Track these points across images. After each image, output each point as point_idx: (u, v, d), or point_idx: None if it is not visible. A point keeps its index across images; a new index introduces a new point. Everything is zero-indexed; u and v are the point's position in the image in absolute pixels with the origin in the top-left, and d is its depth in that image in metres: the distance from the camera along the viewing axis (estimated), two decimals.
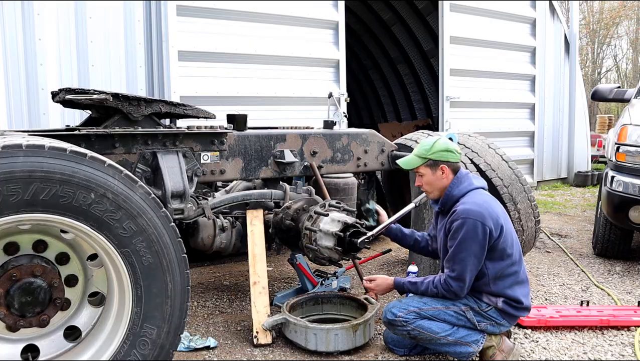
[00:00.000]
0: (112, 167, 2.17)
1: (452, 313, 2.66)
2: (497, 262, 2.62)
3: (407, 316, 2.67)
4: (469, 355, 2.67)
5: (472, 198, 2.66)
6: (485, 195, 2.74)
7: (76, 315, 2.38)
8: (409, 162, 2.86)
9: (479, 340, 2.66)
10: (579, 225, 6.43)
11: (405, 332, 2.69)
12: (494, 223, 2.57)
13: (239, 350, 3.00)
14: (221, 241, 3.45)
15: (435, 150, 2.75)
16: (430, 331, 2.64)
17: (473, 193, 2.70)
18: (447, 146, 2.77)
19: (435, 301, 2.68)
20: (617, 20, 24.31)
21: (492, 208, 2.64)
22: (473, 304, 2.66)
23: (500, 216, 2.63)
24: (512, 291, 2.64)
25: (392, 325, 2.74)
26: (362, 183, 4.25)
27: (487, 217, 2.56)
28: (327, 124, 3.84)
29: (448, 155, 2.75)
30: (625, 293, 3.97)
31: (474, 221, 2.54)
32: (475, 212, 2.57)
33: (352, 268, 3.93)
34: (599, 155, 11.74)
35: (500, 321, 2.68)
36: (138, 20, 5.23)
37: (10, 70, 4.65)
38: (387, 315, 2.75)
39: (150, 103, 3.03)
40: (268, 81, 6.02)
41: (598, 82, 24.43)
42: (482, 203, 2.62)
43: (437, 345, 2.69)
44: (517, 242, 2.73)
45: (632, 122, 4.51)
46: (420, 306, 2.67)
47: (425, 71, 10.87)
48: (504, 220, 2.66)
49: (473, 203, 2.62)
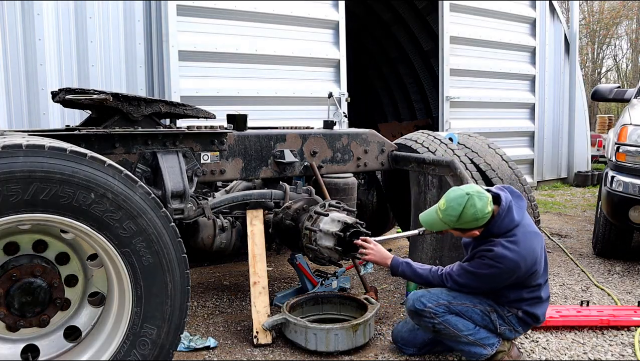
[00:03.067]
0: (112, 167, 2.17)
1: (478, 312, 2.63)
2: (519, 290, 2.61)
3: (436, 309, 2.62)
4: (481, 357, 2.66)
5: (515, 243, 2.48)
6: (528, 235, 2.53)
7: (76, 315, 2.38)
8: (433, 225, 2.64)
9: (495, 343, 2.65)
10: (579, 225, 6.43)
11: (431, 324, 2.64)
12: (526, 270, 2.50)
13: (239, 350, 3.00)
14: (221, 241, 3.45)
15: (463, 222, 2.51)
16: (456, 328, 2.61)
17: (518, 234, 2.51)
18: (476, 215, 2.47)
19: (465, 298, 2.63)
20: (617, 20, 24.30)
21: (532, 254, 2.50)
22: (497, 307, 2.65)
23: (537, 261, 2.54)
24: (531, 309, 2.65)
25: (418, 315, 2.66)
26: (362, 183, 4.24)
27: (521, 267, 2.47)
28: (327, 124, 3.84)
29: (478, 223, 2.51)
30: (625, 293, 3.97)
31: (505, 269, 2.47)
32: (511, 261, 2.45)
33: (352, 268, 3.93)
34: (599, 155, 11.74)
35: (517, 328, 2.68)
36: (138, 20, 5.23)
37: (10, 70, 4.65)
38: (415, 304, 2.65)
39: (150, 103, 3.03)
40: (268, 81, 6.01)
41: (598, 82, 24.43)
42: (522, 252, 2.47)
43: (455, 342, 2.66)
44: (545, 265, 2.66)
45: (632, 122, 4.51)
46: (450, 300, 2.62)
47: (425, 71, 10.87)
48: (541, 259, 2.58)
49: (514, 250, 2.46)
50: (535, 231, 2.63)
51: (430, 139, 3.94)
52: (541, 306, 2.68)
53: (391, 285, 4.13)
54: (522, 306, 2.64)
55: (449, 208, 2.52)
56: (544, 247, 2.67)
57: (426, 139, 3.94)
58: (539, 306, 2.67)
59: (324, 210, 3.21)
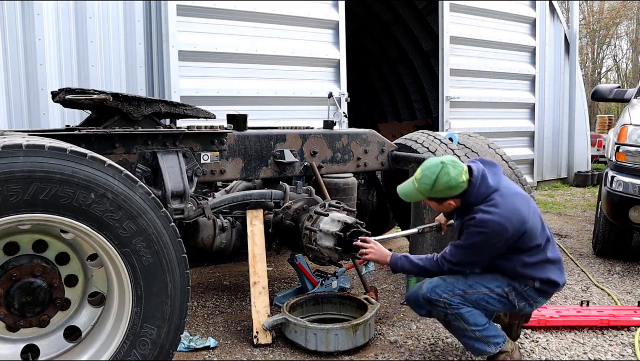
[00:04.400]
0: (112, 167, 2.17)
1: (495, 297, 2.60)
2: (521, 255, 2.54)
3: (451, 300, 2.58)
4: (484, 354, 2.65)
5: (495, 205, 2.47)
6: (508, 197, 2.51)
7: (76, 315, 2.38)
8: (410, 195, 2.66)
9: (500, 343, 2.63)
10: (579, 225, 6.44)
11: (443, 314, 2.61)
12: (514, 231, 2.45)
13: (239, 350, 3.00)
14: (221, 241, 3.45)
15: (437, 190, 2.53)
16: (466, 322, 2.59)
17: (496, 197, 2.49)
18: (450, 183, 2.49)
19: (481, 285, 2.60)
20: (617, 20, 24.30)
21: (516, 213, 2.47)
22: (516, 285, 2.60)
23: (524, 220, 2.48)
24: (543, 274, 2.57)
25: (432, 304, 2.63)
26: (362, 183, 4.24)
27: (507, 227, 2.43)
28: (327, 124, 3.84)
29: (453, 192, 2.52)
30: (625, 293, 3.97)
31: (490, 233, 2.44)
32: (494, 223, 2.43)
33: (352, 268, 3.93)
34: (599, 155, 11.74)
35: (537, 300, 2.64)
36: (138, 20, 5.23)
37: (10, 70, 4.65)
38: (430, 294, 2.62)
39: (150, 104, 3.03)
40: (268, 81, 6.01)
41: (598, 82, 24.43)
42: (505, 212, 2.44)
43: (462, 335, 2.64)
44: (544, 227, 2.61)
45: (632, 122, 4.51)
46: (466, 290, 2.59)
47: (425, 71, 10.87)
48: (529, 218, 2.51)
49: (495, 212, 2.44)
50: (517, 192, 2.59)
51: (430, 139, 3.94)
52: (553, 269, 2.60)
53: (391, 285, 4.13)
54: (534, 275, 2.56)
55: (424, 177, 2.55)
56: (535, 207, 2.62)
57: (426, 139, 3.94)
58: (550, 270, 2.59)
59: (324, 210, 3.22)
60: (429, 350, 2.98)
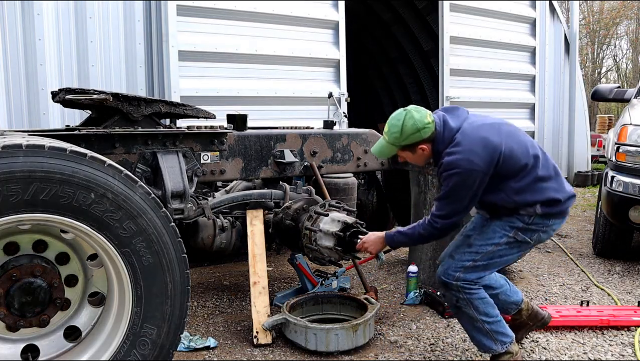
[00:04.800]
0: (112, 167, 2.17)
1: (504, 247, 2.54)
2: (509, 181, 2.48)
3: (465, 277, 2.53)
4: (489, 351, 2.62)
5: (458, 144, 2.44)
6: (471, 131, 2.47)
7: (76, 315, 2.38)
8: (383, 151, 2.66)
9: (507, 343, 2.60)
10: (579, 225, 6.44)
11: (455, 299, 2.58)
12: (485, 162, 2.38)
13: (239, 350, 3.00)
14: (221, 241, 3.45)
15: (406, 135, 2.52)
16: (477, 310, 2.55)
17: (458, 136, 2.46)
18: (416, 125, 2.49)
19: (485, 245, 2.54)
20: (617, 20, 24.30)
21: (483, 143, 2.41)
22: (517, 223, 2.53)
23: (495, 146, 2.41)
24: (541, 195, 2.49)
25: (445, 287, 2.61)
26: (362, 183, 4.25)
27: (475, 160, 2.37)
28: (327, 124, 3.84)
29: (421, 134, 2.50)
30: (625, 293, 3.96)
31: (461, 172, 2.38)
32: (460, 161, 2.38)
33: (352, 268, 3.93)
34: (599, 155, 11.74)
35: (549, 224, 2.55)
36: (138, 20, 5.22)
37: (10, 70, 4.65)
38: (443, 276, 2.60)
39: (150, 103, 3.03)
40: (268, 81, 6.01)
41: (598, 82, 24.43)
42: (467, 147, 2.40)
43: (470, 325, 2.61)
44: (531, 144, 2.54)
45: (632, 122, 4.51)
46: (474, 258, 2.55)
47: (425, 71, 10.86)
48: (501, 142, 2.43)
49: (457, 151, 2.41)
50: (484, 123, 2.54)
51: None
52: (550, 187, 2.51)
53: (391, 285, 4.13)
54: (531, 199, 2.48)
55: (391, 127, 2.57)
56: (510, 130, 2.55)
57: None
58: (547, 189, 2.50)
59: (324, 210, 3.22)
60: (429, 350, 2.98)
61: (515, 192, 2.49)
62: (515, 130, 2.60)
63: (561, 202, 2.53)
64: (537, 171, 2.50)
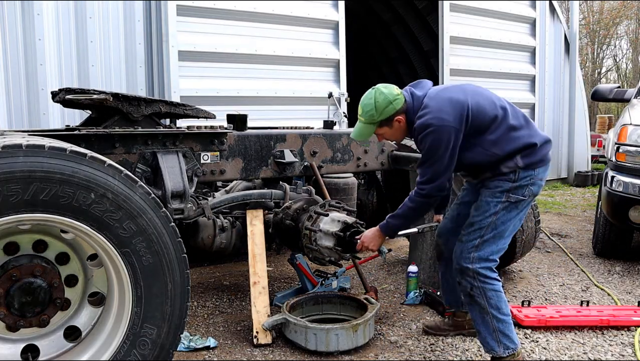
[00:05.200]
0: (112, 167, 2.17)
1: (503, 213, 2.55)
2: (484, 135, 2.53)
3: (478, 268, 2.55)
4: (490, 352, 2.61)
5: (426, 107, 2.51)
6: (436, 94, 2.55)
7: (76, 315, 2.38)
8: (362, 133, 2.70)
9: (510, 347, 2.58)
10: (579, 225, 6.43)
11: (469, 286, 2.59)
12: (455, 118, 2.45)
13: (239, 350, 3.00)
14: (221, 241, 3.45)
15: (380, 110, 2.57)
16: (489, 302, 2.56)
17: (426, 100, 2.54)
18: (388, 98, 2.57)
19: (484, 218, 2.58)
20: (617, 20, 24.30)
21: (449, 102, 2.48)
22: (505, 185, 2.55)
23: (461, 103, 2.48)
24: (518, 142, 2.53)
25: (462, 273, 2.62)
26: (362, 183, 4.25)
27: (445, 117, 2.43)
28: (327, 124, 3.84)
29: (395, 105, 2.57)
30: (625, 293, 3.96)
31: (434, 130, 2.43)
32: (432, 120, 2.44)
33: (352, 268, 3.93)
34: (599, 155, 11.74)
35: (535, 174, 2.57)
36: (138, 20, 5.23)
37: (10, 70, 4.65)
38: (460, 261, 2.62)
39: (150, 103, 3.03)
40: (268, 81, 6.01)
41: (598, 82, 24.43)
42: (435, 107, 2.47)
43: (480, 321, 2.61)
44: (497, 98, 2.61)
45: (632, 122, 4.51)
46: (480, 234, 2.58)
47: (425, 71, 10.86)
48: (467, 99, 2.50)
49: (426, 112, 2.48)
50: (448, 87, 2.64)
51: None
52: (523, 134, 2.55)
53: (391, 285, 4.13)
54: (509, 149, 2.52)
55: (365, 106, 2.62)
56: (475, 89, 2.61)
57: None
58: (521, 137, 2.55)
59: (324, 210, 3.22)
60: (429, 350, 2.98)
61: (491, 143, 2.54)
62: (479, 88, 2.67)
63: (538, 145, 2.57)
64: (508, 121, 2.56)
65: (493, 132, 2.54)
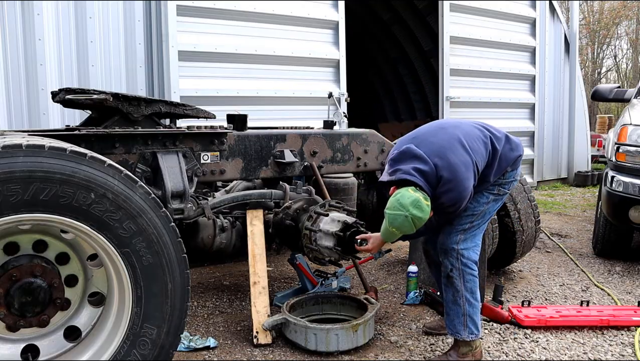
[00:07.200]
0: (112, 167, 2.17)
1: (492, 204, 2.79)
2: (487, 169, 2.70)
3: (463, 250, 2.71)
4: (455, 334, 2.74)
5: (447, 182, 2.54)
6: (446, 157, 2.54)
7: (76, 315, 2.38)
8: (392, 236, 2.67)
9: (474, 333, 2.72)
10: (579, 225, 6.43)
11: (451, 266, 2.71)
12: (472, 173, 2.58)
13: (239, 350, 3.00)
14: (221, 241, 3.45)
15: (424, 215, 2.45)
16: (465, 285, 2.69)
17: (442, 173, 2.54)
18: (424, 211, 2.44)
19: (478, 207, 2.75)
20: (617, 20, 24.30)
21: (465, 165, 2.54)
22: (497, 181, 2.78)
23: (472, 161, 2.57)
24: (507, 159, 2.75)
25: (445, 252, 2.75)
26: (362, 183, 4.25)
27: (467, 184, 2.54)
28: (327, 124, 3.84)
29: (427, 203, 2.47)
30: (625, 293, 3.97)
31: (463, 197, 2.57)
32: (461, 193, 2.55)
33: (352, 268, 3.93)
34: (599, 155, 11.75)
35: (518, 172, 2.88)
36: (138, 20, 5.23)
37: (10, 70, 4.65)
38: (446, 241, 2.75)
39: (150, 104, 3.03)
40: (268, 81, 6.01)
41: (598, 82, 24.44)
42: (458, 177, 2.53)
43: (452, 302, 2.73)
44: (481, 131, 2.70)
45: (632, 122, 4.51)
46: (470, 220, 2.74)
47: (425, 71, 10.87)
48: (473, 153, 2.58)
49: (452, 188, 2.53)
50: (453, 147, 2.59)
51: None
52: (508, 149, 2.74)
53: (391, 285, 4.13)
54: (504, 167, 2.75)
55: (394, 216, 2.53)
56: (468, 130, 2.67)
57: None
58: (508, 152, 2.74)
59: (324, 210, 3.21)
60: (429, 350, 2.98)
61: (493, 173, 2.75)
62: (469, 129, 2.70)
63: (521, 155, 2.86)
64: (497, 148, 2.72)
65: (491, 165, 2.73)
